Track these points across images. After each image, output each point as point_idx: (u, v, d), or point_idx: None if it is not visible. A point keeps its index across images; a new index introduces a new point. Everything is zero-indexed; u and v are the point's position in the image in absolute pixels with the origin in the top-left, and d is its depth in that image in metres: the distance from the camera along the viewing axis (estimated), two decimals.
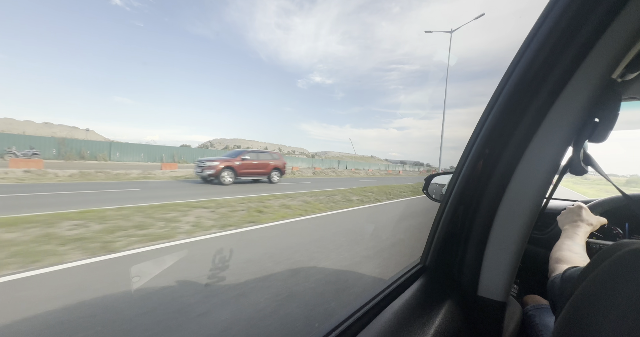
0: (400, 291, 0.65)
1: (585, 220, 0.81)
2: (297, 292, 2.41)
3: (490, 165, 0.62)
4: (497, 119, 0.59)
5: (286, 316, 2.03)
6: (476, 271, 0.66)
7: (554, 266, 0.66)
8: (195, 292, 2.35)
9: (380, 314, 0.55)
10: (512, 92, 0.56)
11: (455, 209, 0.69)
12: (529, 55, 0.53)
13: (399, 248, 3.94)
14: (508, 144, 0.59)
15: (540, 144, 0.56)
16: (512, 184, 0.60)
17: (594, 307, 0.35)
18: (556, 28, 0.48)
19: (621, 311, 0.32)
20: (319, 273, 2.90)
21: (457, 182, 0.68)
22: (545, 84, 0.52)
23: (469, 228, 0.67)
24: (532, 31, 0.52)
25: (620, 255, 0.37)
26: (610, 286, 0.35)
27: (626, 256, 0.36)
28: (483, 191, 0.64)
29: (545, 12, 0.50)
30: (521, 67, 0.54)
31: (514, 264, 0.62)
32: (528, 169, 0.58)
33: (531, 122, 0.56)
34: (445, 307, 0.60)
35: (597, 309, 0.34)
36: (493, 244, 0.63)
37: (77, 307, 2.02)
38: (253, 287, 2.47)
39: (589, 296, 0.37)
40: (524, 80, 0.54)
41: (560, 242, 0.76)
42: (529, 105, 0.55)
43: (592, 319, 0.34)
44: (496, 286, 0.64)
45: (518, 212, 0.60)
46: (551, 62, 0.51)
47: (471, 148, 0.64)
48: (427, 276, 0.73)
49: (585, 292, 0.38)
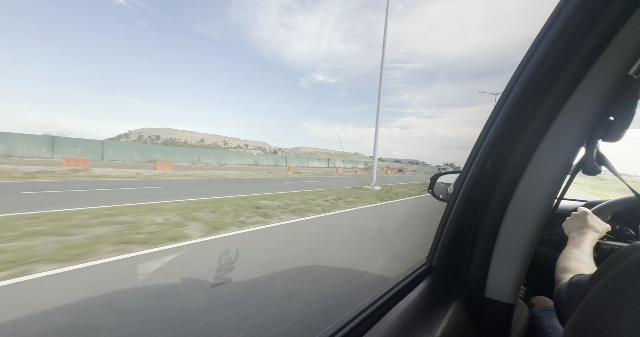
0: (406, 291, 0.64)
1: (591, 227, 0.80)
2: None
3: (499, 165, 0.61)
4: (506, 118, 0.58)
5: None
6: (484, 272, 0.65)
7: (560, 275, 0.65)
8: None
9: (386, 315, 0.54)
10: (523, 91, 0.55)
11: (462, 209, 0.68)
12: (540, 52, 0.51)
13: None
14: (518, 143, 0.58)
15: (551, 144, 0.55)
16: (521, 184, 0.59)
17: (607, 311, 0.34)
18: (570, 24, 0.47)
19: (633, 316, 0.31)
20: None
21: (464, 182, 0.67)
22: (557, 81, 0.51)
23: (477, 228, 0.66)
24: (545, 27, 0.51)
25: (632, 259, 0.35)
26: (622, 290, 0.34)
27: (638, 260, 0.35)
28: (492, 190, 0.63)
29: (558, 7, 0.49)
30: (532, 65, 0.53)
31: (522, 266, 0.61)
32: (538, 169, 0.57)
33: (542, 121, 0.54)
34: (452, 309, 0.59)
35: (611, 312, 0.33)
36: (501, 245, 0.62)
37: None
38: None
39: (601, 300, 0.36)
40: (535, 78, 0.53)
41: (566, 251, 0.75)
42: (541, 104, 0.54)
43: (605, 323, 0.33)
44: (504, 288, 0.63)
45: (528, 213, 0.59)
46: (564, 59, 0.49)
47: (479, 148, 0.63)
48: (433, 277, 0.72)
49: (595, 297, 0.37)
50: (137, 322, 2.04)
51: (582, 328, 0.37)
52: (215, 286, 2.72)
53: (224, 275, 3.02)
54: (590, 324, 0.35)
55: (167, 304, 2.31)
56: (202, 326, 2.01)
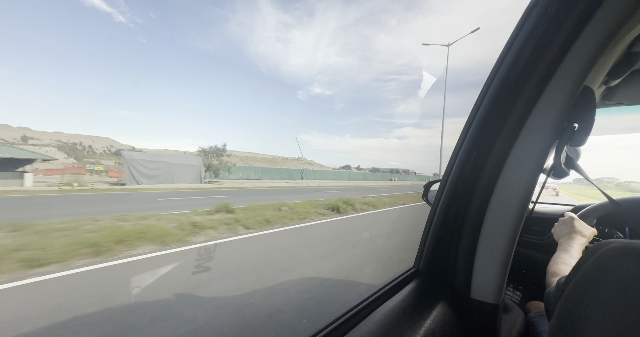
0: (392, 293, 0.66)
1: (578, 232, 0.82)
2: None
3: (477, 169, 0.64)
4: (481, 124, 0.61)
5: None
6: (468, 273, 0.66)
7: (550, 279, 0.67)
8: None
9: (370, 315, 0.56)
10: (493, 98, 0.59)
11: (445, 212, 0.70)
12: (507, 62, 0.56)
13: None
14: (493, 147, 0.61)
15: (523, 148, 0.58)
16: (498, 187, 0.61)
17: (581, 305, 0.37)
18: (531, 37, 0.52)
19: (606, 306, 0.33)
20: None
21: (446, 186, 0.70)
22: (524, 89, 0.55)
23: (460, 231, 0.68)
24: (510, 39, 0.55)
25: (601, 253, 0.38)
26: (594, 284, 0.36)
27: (606, 254, 0.38)
28: (471, 194, 0.65)
29: (521, 21, 0.53)
30: (501, 74, 0.57)
31: (505, 266, 0.63)
32: (512, 172, 0.59)
33: (513, 126, 0.58)
34: (437, 309, 0.61)
35: (585, 306, 0.36)
36: (483, 247, 0.64)
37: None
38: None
39: (575, 296, 0.39)
40: (504, 87, 0.57)
41: (556, 256, 0.76)
42: (511, 110, 0.57)
43: (581, 317, 0.36)
44: (489, 288, 0.65)
45: (505, 215, 0.61)
46: (529, 69, 0.53)
47: (458, 152, 0.66)
48: (420, 279, 0.73)
49: (572, 293, 0.40)
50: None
51: (563, 323, 0.39)
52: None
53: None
54: (570, 317, 0.38)
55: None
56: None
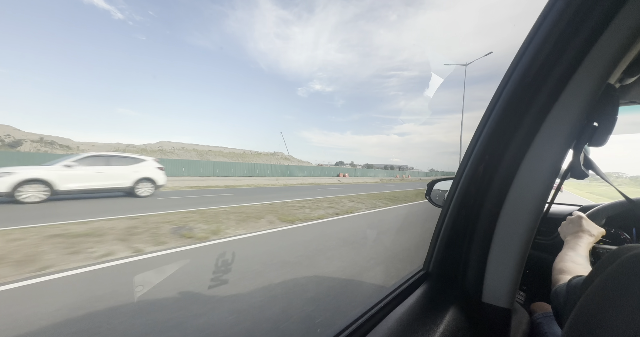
0: (403, 297, 0.64)
1: (586, 231, 0.81)
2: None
3: (490, 170, 0.62)
4: (495, 124, 0.59)
5: None
6: (480, 276, 0.65)
7: (557, 276, 0.66)
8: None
9: (382, 321, 0.54)
10: (510, 98, 0.57)
11: (457, 214, 0.68)
12: (525, 61, 0.54)
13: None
14: (507, 149, 0.59)
15: (539, 149, 0.56)
16: (513, 188, 0.60)
17: (600, 312, 0.35)
18: (552, 35, 0.49)
19: (628, 315, 0.32)
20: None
21: (458, 188, 0.68)
22: (542, 88, 0.53)
23: (472, 233, 0.66)
24: (528, 38, 0.53)
25: (623, 260, 0.37)
26: (615, 291, 0.35)
27: (629, 260, 0.36)
28: (484, 195, 0.64)
29: (540, 18, 0.51)
30: (518, 73, 0.55)
31: (518, 270, 0.61)
32: (529, 174, 0.58)
33: (530, 126, 0.56)
34: (449, 314, 0.59)
35: (604, 314, 0.34)
36: (496, 250, 0.63)
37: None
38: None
39: (595, 302, 0.37)
40: (521, 85, 0.55)
41: (562, 253, 0.75)
42: (528, 110, 0.55)
43: (599, 324, 0.34)
44: (501, 292, 0.63)
45: (520, 217, 0.59)
46: (548, 67, 0.51)
47: (471, 153, 0.65)
48: (430, 282, 0.72)
49: (591, 298, 0.38)
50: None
51: (580, 329, 0.37)
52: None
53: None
54: (588, 324, 0.36)
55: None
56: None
